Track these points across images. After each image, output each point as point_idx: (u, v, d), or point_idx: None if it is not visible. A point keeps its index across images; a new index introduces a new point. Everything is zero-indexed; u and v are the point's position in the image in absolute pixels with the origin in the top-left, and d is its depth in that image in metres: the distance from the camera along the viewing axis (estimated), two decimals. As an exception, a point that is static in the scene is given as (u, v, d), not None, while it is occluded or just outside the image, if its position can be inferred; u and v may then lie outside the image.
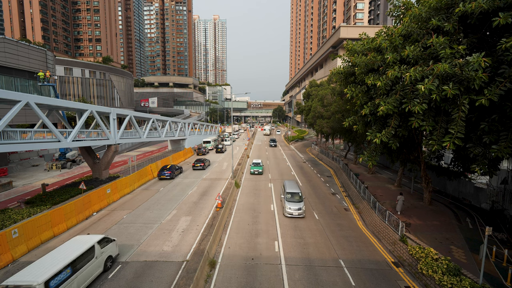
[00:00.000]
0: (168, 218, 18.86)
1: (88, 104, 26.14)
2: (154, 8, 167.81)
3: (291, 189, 20.99)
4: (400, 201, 18.32)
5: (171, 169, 30.23)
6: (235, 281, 12.05)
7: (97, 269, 11.86)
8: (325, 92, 45.07)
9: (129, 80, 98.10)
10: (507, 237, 14.74)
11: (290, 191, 20.71)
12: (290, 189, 20.99)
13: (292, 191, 20.60)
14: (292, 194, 20.35)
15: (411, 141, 18.85)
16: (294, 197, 20.15)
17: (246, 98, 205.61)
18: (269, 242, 15.71)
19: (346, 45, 17.07)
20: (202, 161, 35.13)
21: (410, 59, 11.70)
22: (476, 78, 9.37)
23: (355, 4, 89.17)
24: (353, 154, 40.98)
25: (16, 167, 34.41)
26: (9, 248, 13.40)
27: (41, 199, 20.89)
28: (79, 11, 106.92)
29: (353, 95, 15.05)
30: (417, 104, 10.84)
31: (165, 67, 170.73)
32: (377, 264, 13.66)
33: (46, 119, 20.05)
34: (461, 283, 10.44)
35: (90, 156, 27.76)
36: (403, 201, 18.41)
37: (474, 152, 10.89)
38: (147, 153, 51.24)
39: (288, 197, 20.17)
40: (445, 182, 23.21)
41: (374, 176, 29.83)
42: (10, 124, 24.10)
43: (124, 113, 30.60)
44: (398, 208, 18.41)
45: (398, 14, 14.42)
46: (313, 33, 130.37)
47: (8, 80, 38.59)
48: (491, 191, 18.95)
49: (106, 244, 12.75)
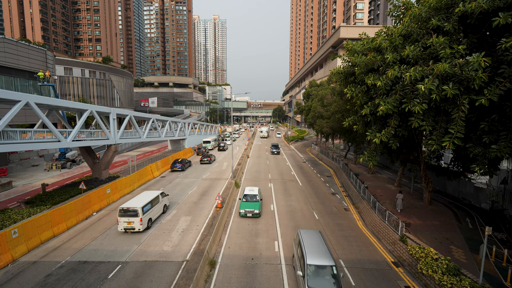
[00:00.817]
0: (168, 218, 18.86)
1: (88, 104, 26.14)
2: (154, 8, 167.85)
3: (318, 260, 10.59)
4: (400, 199, 18.59)
5: (182, 162, 34.81)
6: (235, 281, 12.05)
7: (160, 210, 19.12)
8: (325, 92, 45.08)
9: (129, 80, 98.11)
10: (507, 237, 14.74)
11: (315, 263, 10.43)
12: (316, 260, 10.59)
13: (320, 264, 10.43)
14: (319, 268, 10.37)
15: (411, 141, 18.85)
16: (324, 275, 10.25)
17: (246, 98, 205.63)
18: (269, 242, 15.71)
19: (346, 45, 17.07)
20: (209, 156, 39.83)
21: (410, 59, 11.70)
22: (476, 78, 9.36)
23: (355, 4, 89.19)
24: (353, 154, 40.98)
25: (16, 167, 34.41)
26: (9, 248, 13.40)
27: (41, 199, 20.89)
28: (79, 11, 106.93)
29: (353, 95, 15.05)
30: (417, 104, 10.84)
31: (165, 67, 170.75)
32: (377, 264, 13.66)
33: (46, 119, 20.04)
34: (461, 283, 10.44)
35: (90, 156, 27.76)
36: (402, 199, 18.68)
37: (474, 152, 10.88)
38: (147, 153, 51.24)
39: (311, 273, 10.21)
40: (445, 182, 23.22)
41: (374, 176, 29.84)
42: (10, 124, 24.09)
43: (124, 113, 30.60)
44: (398, 206, 18.67)
45: (398, 14, 14.42)
46: (313, 33, 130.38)
47: (8, 80, 38.59)
48: (491, 191, 18.96)
49: (164, 196, 20.10)
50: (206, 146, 52.41)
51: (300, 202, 22.79)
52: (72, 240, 15.70)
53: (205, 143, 53.21)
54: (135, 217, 16.03)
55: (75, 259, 13.58)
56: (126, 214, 16.06)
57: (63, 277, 12.06)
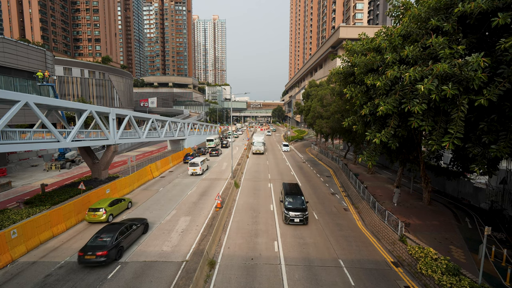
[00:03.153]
0: (168, 218, 18.84)
1: (87, 104, 26.09)
2: (154, 8, 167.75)
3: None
4: (397, 194, 19.80)
5: (193, 155, 41.72)
6: (234, 281, 12.04)
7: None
8: (325, 92, 45.10)
9: (128, 80, 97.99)
10: (506, 237, 14.77)
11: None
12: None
13: None
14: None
15: (411, 141, 18.87)
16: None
17: (246, 98, 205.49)
18: (268, 242, 15.71)
19: (345, 45, 17.08)
20: (216, 149, 46.73)
21: (410, 59, 11.71)
22: (475, 78, 9.38)
23: (355, 4, 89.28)
24: (352, 154, 41.01)
25: (15, 167, 34.34)
26: (8, 249, 13.36)
27: (40, 199, 20.85)
28: (78, 11, 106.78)
29: (353, 95, 15.06)
30: (416, 104, 10.85)
31: (165, 67, 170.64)
32: (376, 264, 13.67)
33: (45, 119, 20.00)
34: (460, 283, 10.45)
35: (89, 156, 27.72)
36: (399, 193, 19.94)
37: (473, 152, 10.90)
38: (146, 153, 51.18)
39: None
40: (444, 182, 23.24)
41: (374, 176, 29.86)
42: (9, 124, 24.07)
43: (124, 113, 30.56)
44: (394, 200, 19.81)
45: (398, 14, 14.44)
46: (313, 33, 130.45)
47: (7, 80, 38.52)
48: (490, 191, 18.98)
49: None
50: (209, 143, 55.77)
51: (300, 202, 22.76)
52: (72, 241, 15.67)
53: (209, 141, 56.24)
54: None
55: (74, 259, 13.53)
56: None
57: (63, 278, 12.03)
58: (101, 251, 12.52)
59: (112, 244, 13.01)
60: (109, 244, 12.90)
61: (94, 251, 12.53)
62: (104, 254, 12.52)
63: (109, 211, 18.26)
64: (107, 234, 13.47)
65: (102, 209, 18.00)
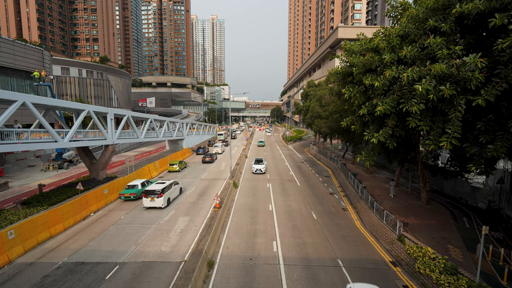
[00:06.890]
0: (166, 219, 18.81)
1: (85, 104, 25.98)
2: (152, 8, 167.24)
3: None
4: (392, 186, 21.66)
5: (203, 148, 48.72)
6: (233, 281, 12.04)
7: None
8: (323, 92, 45.12)
9: (126, 80, 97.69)
10: (504, 236, 14.86)
11: None
12: None
13: None
14: None
15: (409, 141, 18.94)
16: None
17: (244, 98, 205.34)
18: (267, 242, 15.71)
19: (344, 46, 17.12)
20: (225, 140, 56.69)
21: (408, 59, 11.76)
22: (472, 79, 9.43)
23: (353, 4, 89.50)
24: (351, 154, 41.09)
25: (13, 167, 34.13)
26: (5, 250, 13.28)
27: (38, 199, 20.74)
28: (76, 10, 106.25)
29: (351, 95, 15.10)
30: (414, 104, 10.90)
31: (163, 67, 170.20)
32: (375, 263, 13.71)
33: (43, 119, 19.91)
34: (458, 282, 10.50)
35: (87, 156, 27.60)
36: (394, 186, 22.03)
37: (471, 151, 10.96)
38: (145, 153, 51.04)
39: None
40: (442, 181, 23.32)
41: (372, 176, 29.94)
42: (6, 124, 23.91)
43: (122, 113, 30.47)
44: (391, 192, 21.61)
45: (396, 15, 14.48)
46: (311, 33, 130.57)
47: (4, 80, 38.29)
48: (487, 191, 19.08)
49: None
50: (220, 137, 72.58)
51: (299, 202, 22.82)
52: (70, 241, 15.60)
53: (219, 135, 74.05)
54: None
55: (72, 260, 13.50)
56: None
57: (60, 278, 11.98)
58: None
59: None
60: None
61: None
62: None
63: None
64: None
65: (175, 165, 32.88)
